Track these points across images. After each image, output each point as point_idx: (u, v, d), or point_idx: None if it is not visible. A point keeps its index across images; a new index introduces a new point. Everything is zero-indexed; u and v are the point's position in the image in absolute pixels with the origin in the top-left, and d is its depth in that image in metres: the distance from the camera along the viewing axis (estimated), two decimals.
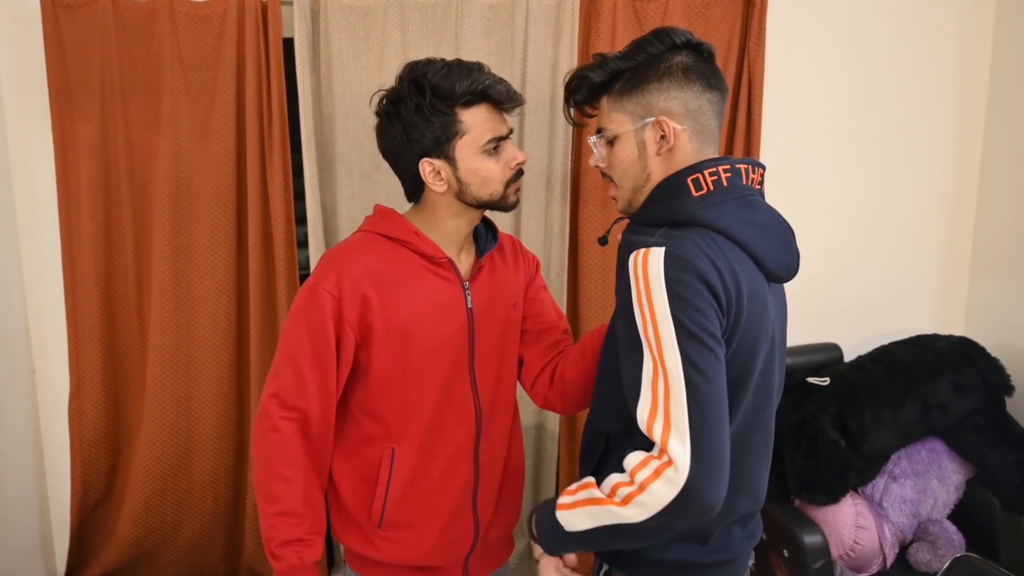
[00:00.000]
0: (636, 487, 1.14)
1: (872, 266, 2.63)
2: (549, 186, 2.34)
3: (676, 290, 1.13)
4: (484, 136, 1.41)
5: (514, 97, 1.44)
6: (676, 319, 1.12)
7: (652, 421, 1.13)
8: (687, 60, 1.28)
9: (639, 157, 1.30)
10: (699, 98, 1.27)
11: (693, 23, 2.31)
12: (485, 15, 2.26)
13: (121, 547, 2.47)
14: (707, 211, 1.22)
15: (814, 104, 2.50)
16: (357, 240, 1.49)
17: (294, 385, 1.43)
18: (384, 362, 1.45)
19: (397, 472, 1.48)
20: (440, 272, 1.48)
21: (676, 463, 1.10)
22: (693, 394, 1.11)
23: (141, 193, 2.34)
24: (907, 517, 2.26)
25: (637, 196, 1.33)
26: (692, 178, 1.24)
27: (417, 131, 1.40)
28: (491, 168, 1.43)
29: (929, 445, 2.32)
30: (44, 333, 2.46)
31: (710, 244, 1.18)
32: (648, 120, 1.27)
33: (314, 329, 1.42)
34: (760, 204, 1.30)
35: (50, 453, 2.54)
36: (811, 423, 2.23)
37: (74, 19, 2.23)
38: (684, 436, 1.10)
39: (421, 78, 1.39)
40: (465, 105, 1.39)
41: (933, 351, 2.37)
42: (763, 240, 1.25)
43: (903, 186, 2.59)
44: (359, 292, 1.41)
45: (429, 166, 1.42)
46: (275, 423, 1.43)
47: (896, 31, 2.48)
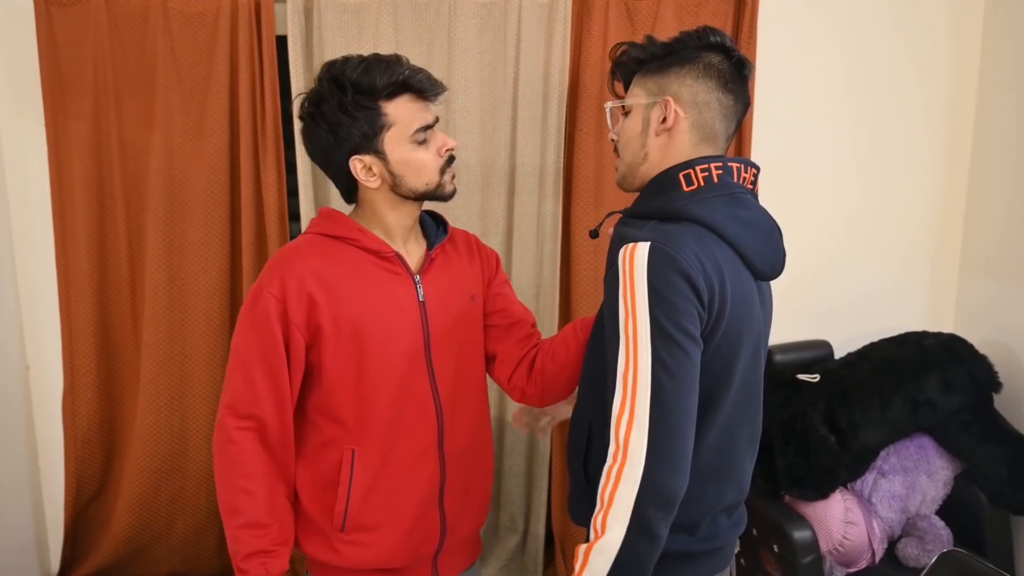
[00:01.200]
0: (606, 505, 1.16)
1: (862, 265, 2.65)
2: (542, 183, 2.35)
3: (656, 286, 1.16)
4: (411, 126, 1.40)
5: (435, 85, 1.43)
6: (652, 316, 1.16)
7: (620, 416, 1.17)
8: (715, 59, 1.31)
9: (641, 132, 1.34)
10: (710, 94, 1.30)
11: (684, 21, 2.32)
12: (478, 13, 2.27)
13: (115, 543, 2.48)
14: (695, 206, 1.25)
15: (805, 103, 2.51)
16: (302, 242, 1.48)
17: (246, 393, 1.41)
18: (337, 361, 1.43)
19: (359, 473, 1.45)
20: (388, 267, 1.46)
21: (632, 459, 1.14)
22: (657, 391, 1.15)
23: (135, 190, 2.35)
24: (896, 513, 2.28)
25: (632, 173, 1.37)
26: (684, 173, 1.28)
27: (343, 129, 1.38)
28: (422, 157, 1.42)
29: (918, 441, 2.34)
30: (38, 330, 2.47)
31: (697, 239, 1.21)
32: (658, 99, 1.31)
33: (261, 334, 1.39)
34: (749, 202, 1.32)
35: (44, 450, 2.54)
36: (801, 420, 2.24)
37: (67, 16, 2.23)
38: (643, 431, 1.14)
39: (340, 76, 1.37)
40: (388, 98, 1.38)
41: (921, 348, 2.38)
42: (749, 237, 1.28)
43: (894, 185, 2.61)
44: (304, 292, 1.39)
45: (360, 163, 1.41)
46: (230, 434, 1.41)
47: (887, 31, 2.50)
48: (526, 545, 2.60)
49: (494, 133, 2.33)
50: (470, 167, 2.34)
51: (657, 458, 1.14)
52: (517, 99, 2.31)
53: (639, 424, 1.15)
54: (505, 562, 2.59)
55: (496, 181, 2.36)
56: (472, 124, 2.32)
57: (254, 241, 2.33)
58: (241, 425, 1.41)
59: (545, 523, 2.60)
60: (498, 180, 2.36)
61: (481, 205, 2.39)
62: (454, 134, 2.30)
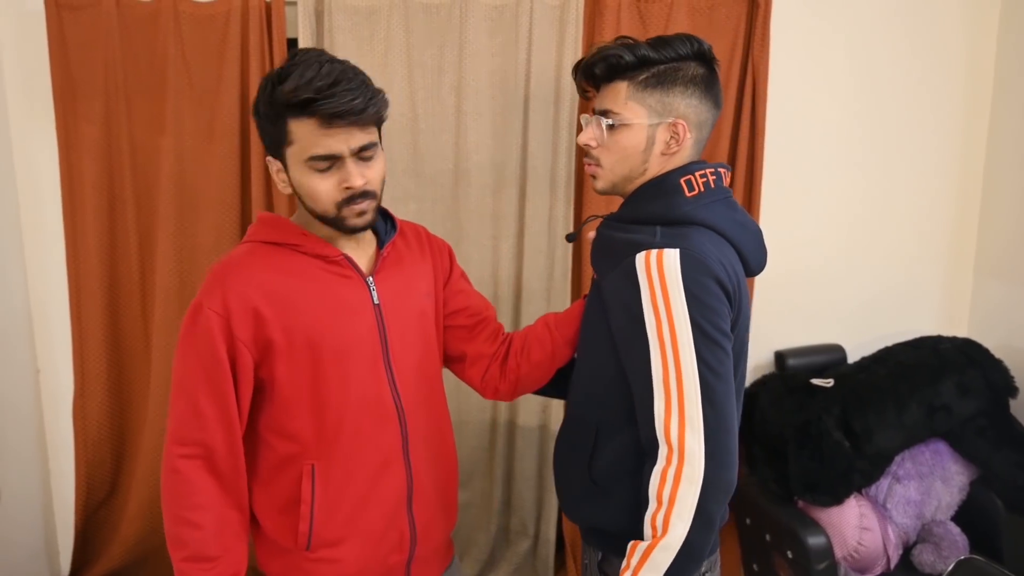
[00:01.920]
0: (667, 505, 1.21)
1: (876, 267, 2.63)
2: (553, 187, 2.34)
3: (694, 292, 1.21)
4: (307, 151, 1.28)
5: (352, 114, 1.25)
6: (693, 321, 1.20)
7: (668, 420, 1.21)
8: (706, 73, 1.35)
9: (644, 151, 1.35)
10: (709, 113, 1.37)
11: (697, 24, 2.31)
12: (489, 15, 2.26)
13: (125, 547, 2.47)
14: (702, 211, 1.31)
15: (818, 105, 2.49)
16: (242, 252, 1.38)
17: (191, 418, 1.32)
18: (291, 376, 1.35)
19: (320, 488, 1.38)
20: (338, 271, 1.38)
21: (691, 460, 1.19)
22: (707, 393, 1.20)
23: (145, 193, 2.34)
24: (911, 519, 2.26)
25: (624, 184, 1.40)
26: (685, 179, 1.33)
27: (261, 128, 1.34)
28: (314, 185, 1.30)
29: (933, 447, 2.32)
30: (48, 333, 2.46)
31: (712, 242, 1.27)
32: (667, 120, 1.33)
33: (204, 354, 1.30)
34: (737, 204, 1.40)
35: (54, 453, 2.54)
36: (815, 424, 2.23)
37: (78, 20, 2.22)
38: (699, 433, 1.20)
39: (276, 75, 1.28)
40: (294, 115, 1.27)
41: (937, 353, 2.36)
42: (747, 238, 1.36)
43: (907, 187, 2.59)
44: (249, 307, 1.31)
45: (273, 164, 1.36)
46: (175, 463, 1.32)
47: (901, 32, 2.48)
48: (537, 549, 2.59)
49: (505, 135, 2.32)
50: (482, 169, 2.33)
51: (715, 457, 1.20)
52: (528, 101, 2.29)
53: (692, 425, 1.20)
54: (516, 566, 2.58)
55: (507, 184, 2.35)
56: (483, 126, 2.30)
57: None
58: (186, 453, 1.33)
59: (556, 527, 2.59)
60: (509, 183, 2.35)
61: (492, 208, 2.37)
62: (465, 137, 2.29)
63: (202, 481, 1.33)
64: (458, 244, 2.38)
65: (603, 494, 1.39)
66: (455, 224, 2.37)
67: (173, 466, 1.33)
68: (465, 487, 2.54)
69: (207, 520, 1.33)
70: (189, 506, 1.33)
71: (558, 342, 1.56)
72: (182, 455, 1.33)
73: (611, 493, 1.38)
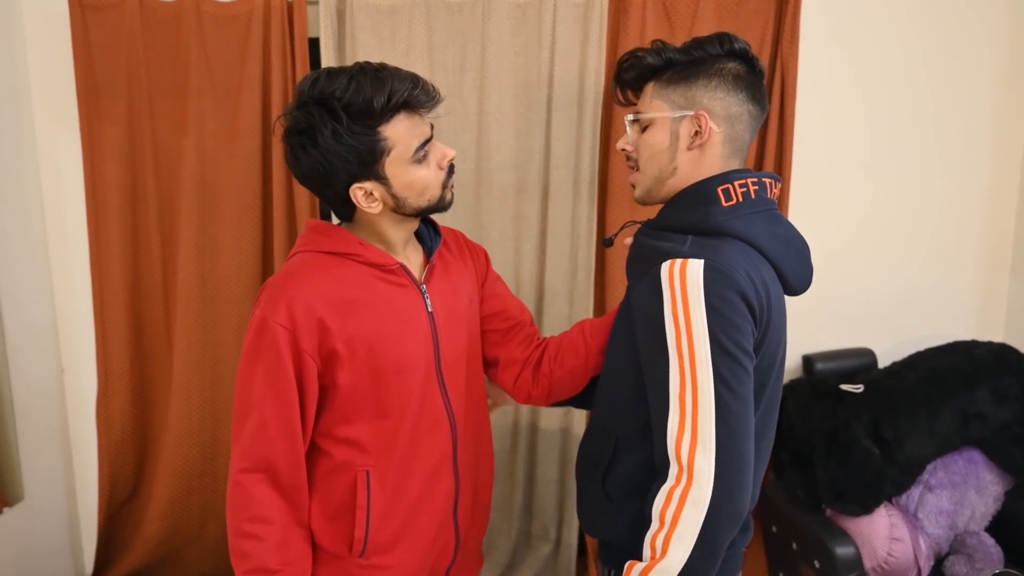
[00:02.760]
0: (668, 526, 1.16)
1: (908, 269, 2.56)
2: (576, 187, 2.30)
3: (715, 305, 1.16)
4: (411, 146, 1.31)
5: (432, 95, 1.33)
6: (713, 335, 1.15)
7: (680, 436, 1.16)
8: (740, 69, 1.30)
9: (669, 147, 1.31)
10: (741, 107, 1.30)
11: (724, 21, 2.26)
12: (512, 14, 2.23)
13: (147, 547, 2.48)
14: (738, 222, 1.25)
15: (848, 103, 2.43)
16: (300, 262, 1.38)
17: (257, 434, 1.32)
18: (352, 383, 1.36)
19: (376, 494, 1.38)
20: (394, 280, 1.39)
21: (699, 481, 1.14)
22: (721, 411, 1.15)
23: (167, 194, 2.34)
24: (943, 529, 2.20)
25: (658, 187, 1.35)
26: (722, 188, 1.27)
27: (339, 159, 1.28)
28: (425, 176, 1.34)
29: (967, 455, 2.26)
30: (72, 332, 2.48)
31: (744, 255, 1.21)
32: (688, 113, 1.29)
33: (271, 368, 1.30)
34: (782, 218, 1.34)
35: (78, 452, 2.56)
36: (844, 431, 2.17)
37: (101, 21, 2.23)
38: (710, 453, 1.14)
39: (329, 99, 1.25)
40: (386, 120, 1.28)
41: (971, 358, 2.30)
42: (788, 255, 1.29)
43: (940, 187, 2.52)
44: (315, 318, 1.31)
45: (360, 191, 1.32)
46: (236, 477, 1.33)
47: (934, 27, 2.41)
48: (558, 554, 2.56)
49: (528, 136, 2.29)
50: (504, 170, 2.31)
51: (725, 479, 1.14)
52: (552, 101, 2.26)
53: (704, 445, 1.14)
54: (537, 571, 2.55)
55: (530, 184, 2.32)
56: (506, 127, 2.28)
57: (286, 245, 2.31)
58: (249, 467, 1.33)
59: (578, 532, 2.55)
60: (532, 183, 2.32)
61: (515, 208, 2.35)
62: (487, 136, 2.27)
63: (264, 495, 1.33)
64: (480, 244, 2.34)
65: (616, 509, 1.35)
66: (477, 225, 2.35)
67: (236, 479, 1.34)
68: None
69: (269, 533, 1.33)
70: (250, 518, 1.33)
71: (592, 350, 1.53)
72: (244, 469, 1.33)
73: (624, 508, 1.33)
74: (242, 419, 1.34)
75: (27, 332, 2.34)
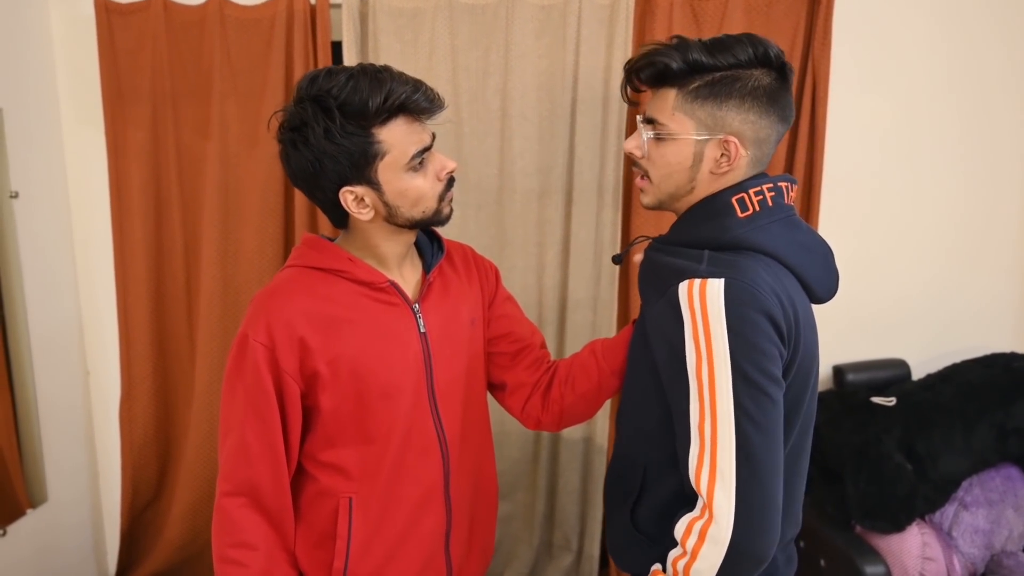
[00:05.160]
0: (689, 555, 1.11)
1: (944, 277, 2.48)
2: (600, 192, 2.26)
3: (738, 329, 1.08)
4: (407, 153, 1.24)
5: (435, 102, 1.26)
6: (735, 363, 1.07)
7: (699, 470, 1.10)
8: (774, 84, 1.19)
9: (691, 167, 1.22)
10: (771, 128, 1.21)
11: (754, 22, 2.20)
12: (536, 16, 2.19)
13: (169, 549, 2.49)
14: (756, 234, 1.17)
15: (883, 107, 2.36)
16: (286, 278, 1.33)
17: (238, 455, 1.28)
18: (335, 406, 1.30)
19: (358, 523, 1.33)
20: (384, 298, 1.33)
21: (718, 519, 1.07)
22: (743, 445, 1.07)
23: (191, 198, 2.35)
24: (979, 548, 2.13)
25: (670, 201, 1.27)
26: (737, 198, 1.19)
27: (330, 159, 1.22)
28: (420, 185, 1.27)
29: (1005, 472, 2.18)
30: (98, 336, 2.49)
31: (767, 270, 1.13)
32: (717, 136, 1.19)
33: (250, 386, 1.26)
34: (802, 223, 1.26)
35: (102, 454, 2.57)
36: (875, 446, 2.11)
37: (127, 24, 2.24)
38: (730, 489, 1.06)
39: (325, 96, 1.20)
40: (382, 123, 1.22)
41: (1010, 371, 2.22)
42: (811, 263, 1.21)
43: (976, 192, 2.44)
44: (295, 337, 1.25)
45: (351, 194, 1.26)
46: (220, 501, 1.29)
47: (972, 28, 2.33)
48: (580, 565, 2.52)
49: (552, 140, 2.25)
50: (527, 175, 2.27)
51: (748, 520, 1.06)
52: (576, 104, 2.22)
53: (724, 481, 1.07)
54: None
55: (554, 189, 2.29)
56: (529, 131, 2.24)
57: None
58: (231, 490, 1.29)
59: (600, 542, 2.51)
60: (556, 188, 2.29)
61: (538, 214, 2.31)
62: (511, 141, 2.24)
63: (247, 519, 1.29)
64: (502, 251, 2.32)
65: (647, 542, 1.27)
66: (499, 230, 2.32)
67: (219, 503, 1.30)
68: (507, 499, 2.49)
69: (253, 559, 1.29)
70: (234, 543, 1.29)
71: (605, 372, 1.46)
72: (226, 492, 1.29)
73: (656, 542, 1.25)
74: (225, 440, 1.30)
75: (52, 335, 2.36)
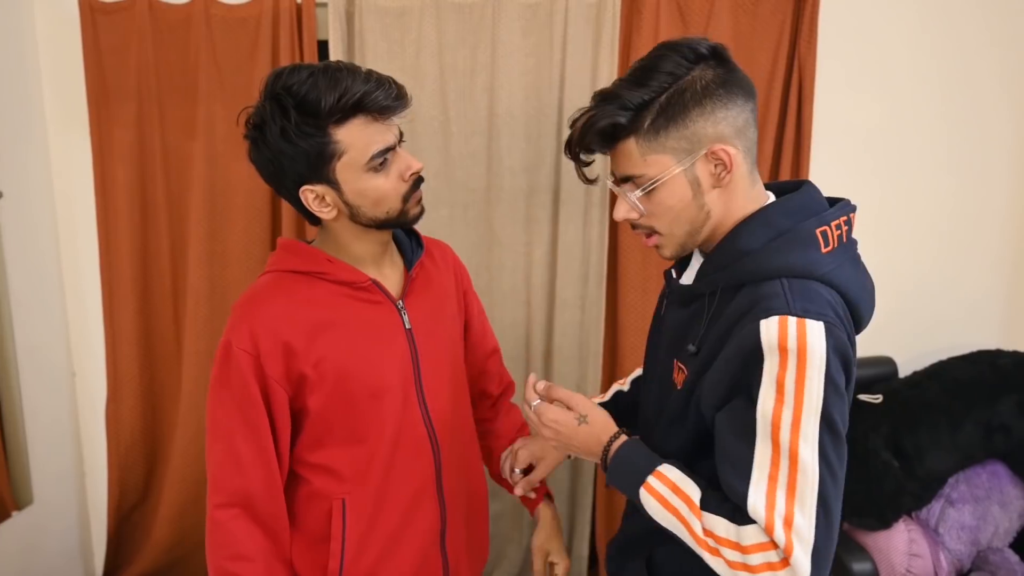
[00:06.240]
0: (741, 560, 1.02)
1: (930, 276, 2.49)
2: (588, 191, 2.27)
3: (835, 379, 1.01)
4: (366, 152, 1.21)
5: (397, 101, 1.21)
6: (826, 412, 1.01)
7: (772, 515, 1.01)
8: (719, 71, 1.10)
9: (695, 197, 1.12)
10: (743, 111, 1.11)
11: (740, 22, 2.21)
12: (523, 15, 2.20)
13: (156, 551, 2.48)
14: (838, 273, 1.09)
15: (869, 104, 2.37)
16: (265, 283, 1.31)
17: (228, 464, 1.26)
18: (323, 408, 1.29)
19: (351, 524, 1.31)
20: (367, 297, 1.31)
21: (796, 573, 1.00)
22: (823, 496, 1.00)
23: (177, 198, 2.34)
24: (965, 545, 2.13)
25: (693, 240, 1.17)
26: (821, 230, 1.10)
27: (287, 158, 1.20)
28: (380, 186, 1.24)
29: (990, 468, 2.19)
30: (83, 336, 2.48)
31: (838, 306, 1.07)
32: (700, 153, 1.09)
33: (238, 396, 1.24)
34: (862, 263, 1.18)
35: (89, 455, 2.56)
36: (862, 443, 2.12)
37: (112, 23, 2.23)
38: (808, 544, 1.00)
39: (283, 94, 1.17)
40: (338, 122, 1.18)
41: (995, 368, 2.23)
42: (868, 305, 1.15)
43: (962, 191, 2.45)
44: (279, 342, 1.24)
45: (311, 193, 1.24)
46: (213, 513, 1.27)
47: (954, 28, 2.34)
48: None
49: (539, 139, 2.26)
50: (515, 173, 2.27)
51: (817, 568, 1.00)
52: (563, 103, 2.22)
53: (801, 537, 1.00)
54: None
55: (541, 188, 2.29)
56: (516, 129, 2.24)
57: None
58: (224, 501, 1.27)
59: (589, 543, 2.52)
60: (543, 187, 2.29)
61: (526, 213, 2.31)
62: (498, 140, 2.24)
63: (243, 531, 1.27)
64: (490, 250, 2.32)
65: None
66: (487, 229, 2.32)
67: (212, 516, 1.27)
68: (496, 499, 2.48)
69: (252, 571, 1.27)
70: (231, 556, 1.27)
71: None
72: (219, 504, 1.27)
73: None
74: (213, 449, 1.28)
75: (38, 336, 2.34)
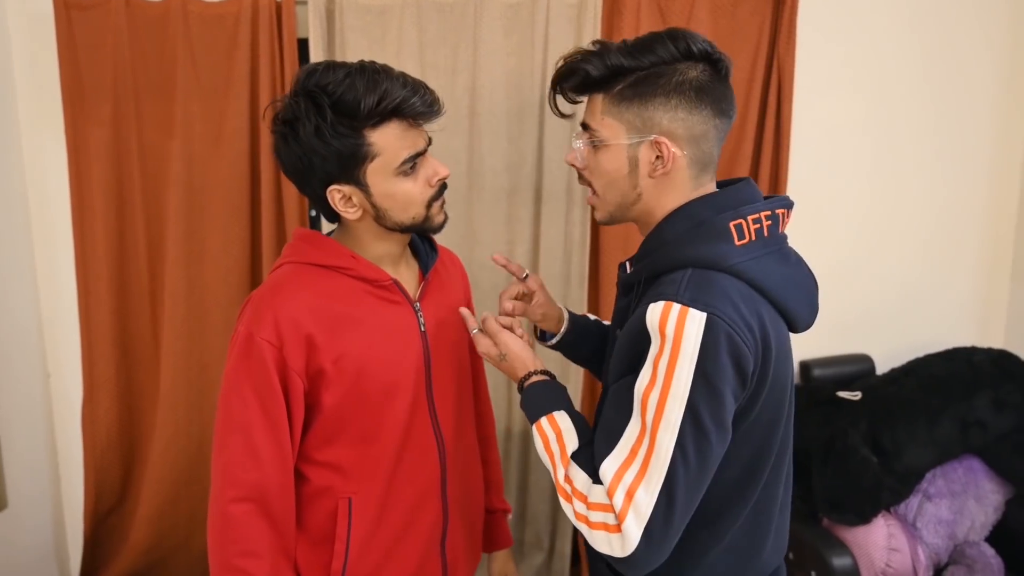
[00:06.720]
0: (584, 513, 1.08)
1: (907, 274, 2.53)
2: (570, 190, 2.27)
3: (707, 372, 1.02)
4: (398, 157, 1.22)
5: (432, 107, 1.23)
6: (692, 403, 1.02)
7: (617, 483, 1.05)
8: (702, 77, 1.13)
9: (629, 174, 1.16)
10: (706, 124, 1.13)
11: (719, 23, 2.23)
12: (504, 14, 2.19)
13: (134, 554, 2.44)
14: (751, 265, 1.10)
15: (846, 105, 2.40)
16: (287, 274, 1.30)
17: (245, 456, 1.23)
18: (336, 404, 1.28)
19: (357, 524, 1.30)
20: (387, 296, 1.31)
21: (625, 541, 1.04)
22: (670, 481, 1.03)
23: (154, 197, 2.30)
24: (943, 539, 2.17)
25: (622, 213, 1.21)
26: (735, 223, 1.11)
27: (319, 157, 1.20)
28: (409, 190, 1.25)
29: (967, 463, 2.23)
30: (58, 337, 2.44)
31: (745, 300, 1.07)
32: (646, 137, 1.13)
33: (259, 386, 1.22)
34: (792, 256, 1.20)
35: (64, 458, 2.51)
36: (841, 439, 2.14)
37: (87, 20, 2.19)
38: (643, 519, 1.03)
39: (319, 92, 1.17)
40: (374, 125, 1.19)
41: (971, 365, 2.27)
42: (797, 299, 1.16)
43: (940, 191, 2.49)
44: (302, 334, 1.23)
45: (338, 193, 1.24)
46: (225, 508, 1.24)
47: (934, 30, 2.38)
48: (552, 563, 2.52)
49: (520, 137, 2.26)
50: (496, 172, 2.27)
51: (648, 549, 1.04)
52: (544, 102, 2.23)
53: (638, 511, 1.03)
54: None
55: (523, 187, 2.29)
56: (498, 128, 2.24)
57: (274, 250, 2.27)
58: (238, 496, 1.24)
59: (571, 541, 2.52)
60: (525, 186, 2.29)
61: (507, 212, 2.31)
62: (479, 139, 2.23)
63: (256, 527, 1.25)
64: (472, 249, 2.32)
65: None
66: (468, 228, 2.31)
67: (223, 510, 1.24)
68: None
69: (258, 568, 1.25)
70: (240, 553, 1.24)
71: None
72: (233, 498, 1.24)
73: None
74: (227, 440, 1.25)
75: (12, 336, 2.30)
